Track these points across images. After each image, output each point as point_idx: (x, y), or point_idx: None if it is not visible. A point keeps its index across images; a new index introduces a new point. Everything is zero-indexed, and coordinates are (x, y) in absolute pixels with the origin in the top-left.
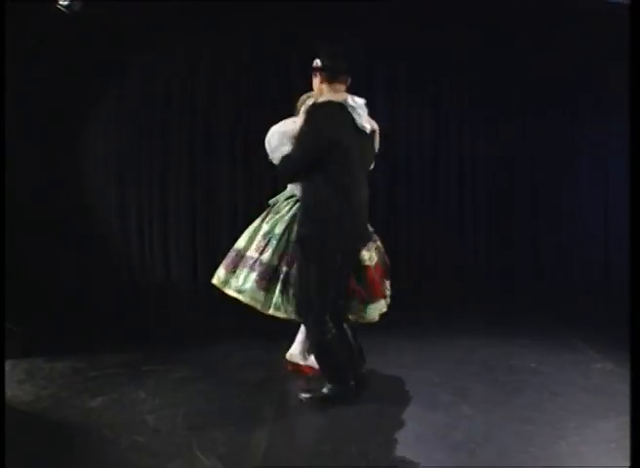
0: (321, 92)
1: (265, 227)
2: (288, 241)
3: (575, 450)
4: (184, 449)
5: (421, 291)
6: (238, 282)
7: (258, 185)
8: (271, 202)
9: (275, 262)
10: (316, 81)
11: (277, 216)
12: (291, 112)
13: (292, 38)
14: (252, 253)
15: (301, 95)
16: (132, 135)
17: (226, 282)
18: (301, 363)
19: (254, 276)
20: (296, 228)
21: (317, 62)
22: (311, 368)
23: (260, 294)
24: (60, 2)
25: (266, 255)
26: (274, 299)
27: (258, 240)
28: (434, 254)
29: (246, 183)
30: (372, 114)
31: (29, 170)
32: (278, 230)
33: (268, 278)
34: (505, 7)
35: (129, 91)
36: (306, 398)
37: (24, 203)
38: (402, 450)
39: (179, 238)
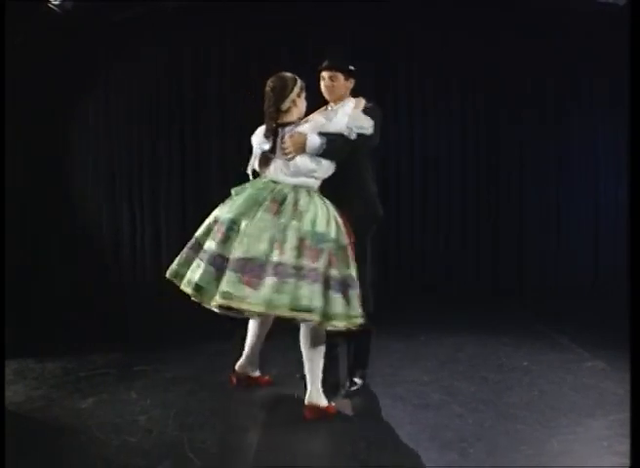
0: (343, 96)
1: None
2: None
3: (566, 449)
4: (176, 450)
5: (409, 290)
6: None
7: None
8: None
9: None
10: (347, 84)
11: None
12: None
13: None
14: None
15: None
16: (121, 132)
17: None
18: (324, 404)
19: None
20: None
21: (352, 68)
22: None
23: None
24: (52, 1)
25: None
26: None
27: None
28: (422, 254)
29: (237, 179)
30: None
31: (17, 169)
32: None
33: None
34: (495, 6)
35: (117, 88)
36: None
37: (10, 202)
38: (393, 450)
39: (169, 238)
